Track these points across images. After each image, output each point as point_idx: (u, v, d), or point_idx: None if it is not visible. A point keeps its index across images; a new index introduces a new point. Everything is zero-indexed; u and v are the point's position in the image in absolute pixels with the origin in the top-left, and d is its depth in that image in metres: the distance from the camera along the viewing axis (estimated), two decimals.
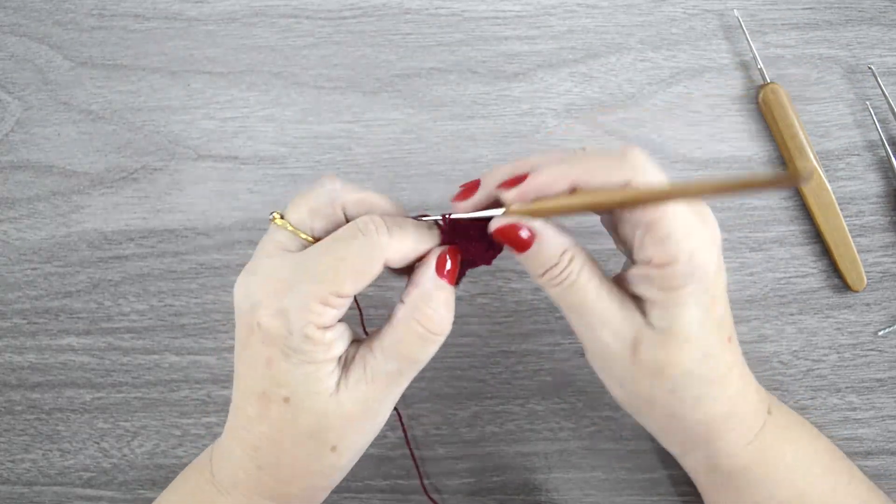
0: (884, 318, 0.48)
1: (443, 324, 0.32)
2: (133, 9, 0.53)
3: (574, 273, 0.31)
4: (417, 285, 0.32)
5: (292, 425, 0.32)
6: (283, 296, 0.30)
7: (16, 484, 0.48)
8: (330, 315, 0.30)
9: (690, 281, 0.29)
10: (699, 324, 0.30)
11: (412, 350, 0.32)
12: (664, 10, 0.52)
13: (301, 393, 0.31)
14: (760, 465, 0.34)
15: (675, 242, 0.29)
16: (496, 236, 0.31)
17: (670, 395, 0.32)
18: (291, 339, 0.30)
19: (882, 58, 0.50)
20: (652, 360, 0.31)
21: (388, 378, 0.32)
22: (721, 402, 0.32)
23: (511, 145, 0.50)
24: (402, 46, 0.52)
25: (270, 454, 0.33)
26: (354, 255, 0.30)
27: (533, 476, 0.47)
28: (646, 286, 0.30)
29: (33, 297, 0.49)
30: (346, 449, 0.33)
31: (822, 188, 0.48)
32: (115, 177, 0.51)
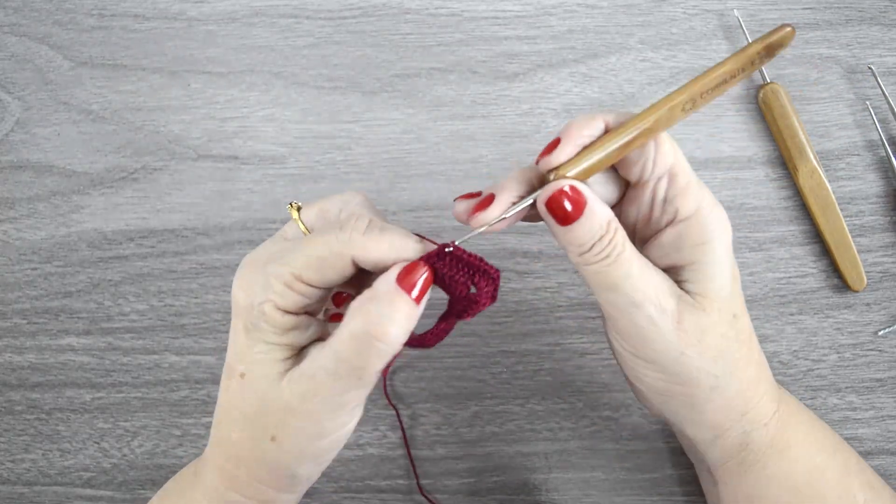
0: (884, 318, 0.48)
1: (385, 329, 0.29)
2: (133, 9, 0.53)
3: (620, 244, 0.31)
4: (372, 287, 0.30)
5: (242, 401, 0.32)
6: (254, 271, 0.31)
7: (16, 484, 0.48)
8: (290, 298, 0.30)
9: (717, 234, 0.31)
10: (728, 284, 0.32)
11: (348, 351, 0.30)
12: (664, 10, 0.52)
13: (253, 371, 0.31)
14: (783, 437, 0.35)
15: (699, 192, 0.31)
16: (549, 206, 0.30)
17: (712, 362, 0.32)
18: (252, 313, 0.31)
19: (882, 58, 0.50)
20: (695, 327, 0.31)
21: (327, 378, 0.30)
22: (751, 366, 0.33)
23: (511, 145, 0.50)
24: (402, 46, 0.52)
25: (224, 429, 0.33)
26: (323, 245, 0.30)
27: (533, 476, 0.47)
28: (678, 247, 0.31)
29: (33, 297, 0.49)
30: (286, 444, 0.32)
31: (822, 188, 0.48)
32: (115, 177, 0.51)
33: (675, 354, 0.32)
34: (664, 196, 0.32)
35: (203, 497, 0.35)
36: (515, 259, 0.48)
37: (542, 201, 0.31)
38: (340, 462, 0.47)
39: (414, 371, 0.48)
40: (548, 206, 0.30)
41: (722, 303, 0.32)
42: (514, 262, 0.48)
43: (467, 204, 0.32)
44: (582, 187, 0.30)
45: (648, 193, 0.32)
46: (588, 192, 0.30)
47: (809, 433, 0.36)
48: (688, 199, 0.31)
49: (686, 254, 0.31)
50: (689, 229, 0.31)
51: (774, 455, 0.35)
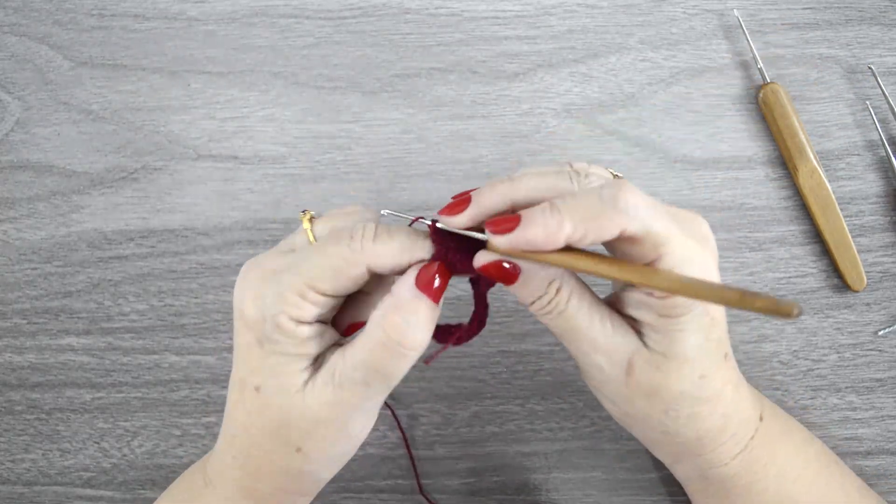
0: (884, 318, 0.48)
1: (412, 337, 0.30)
2: (133, 9, 0.53)
3: (562, 303, 0.30)
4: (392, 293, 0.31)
5: (260, 416, 0.32)
6: (265, 283, 0.31)
7: (16, 484, 0.48)
8: (305, 310, 0.30)
9: (690, 309, 0.29)
10: (697, 347, 0.30)
11: (377, 360, 0.30)
12: (664, 10, 0.52)
13: (270, 384, 0.31)
14: (749, 473, 0.35)
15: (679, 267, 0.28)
16: (482, 272, 0.30)
17: (664, 415, 0.32)
18: (265, 326, 0.30)
19: (882, 58, 0.50)
20: (647, 382, 0.31)
21: (356, 387, 0.31)
22: (714, 419, 0.32)
23: (511, 145, 0.50)
24: (402, 46, 0.52)
25: (242, 444, 0.33)
26: (335, 254, 0.30)
27: (533, 476, 0.47)
28: (643, 311, 0.30)
29: (33, 297, 0.49)
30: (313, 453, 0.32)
31: (822, 188, 0.48)
32: (115, 177, 0.51)
33: (623, 400, 0.32)
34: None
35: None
36: None
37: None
38: None
39: (414, 371, 0.47)
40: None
41: (683, 365, 0.30)
42: None
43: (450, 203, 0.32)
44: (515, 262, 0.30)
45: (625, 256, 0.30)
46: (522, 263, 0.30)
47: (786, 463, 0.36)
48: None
49: (648, 317, 0.30)
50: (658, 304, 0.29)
51: (739, 488, 0.35)
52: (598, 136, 0.50)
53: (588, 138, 0.50)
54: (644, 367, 0.30)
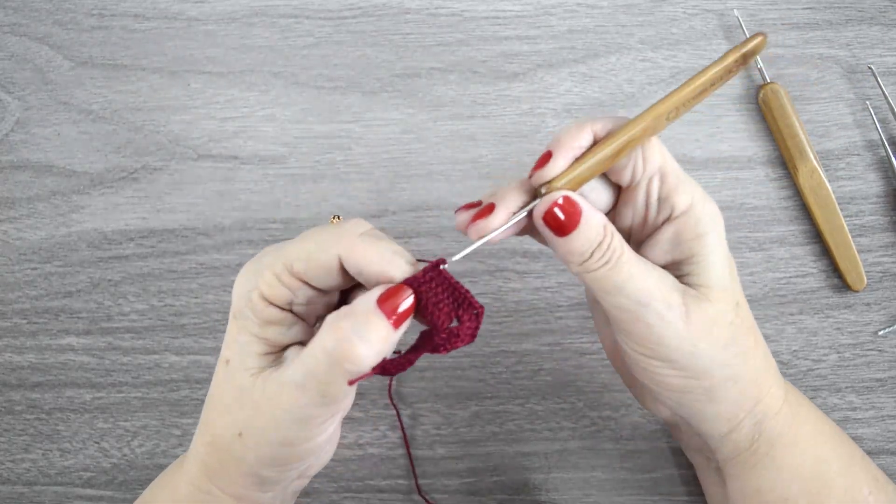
0: (884, 318, 0.48)
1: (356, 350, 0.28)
2: (133, 9, 0.53)
3: (619, 248, 0.31)
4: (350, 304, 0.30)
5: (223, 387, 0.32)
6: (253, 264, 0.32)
7: (16, 484, 0.48)
8: (277, 290, 0.30)
9: (712, 226, 0.32)
10: (728, 272, 0.32)
11: (316, 366, 0.29)
12: (664, 10, 0.52)
13: (235, 360, 0.31)
14: (791, 428, 0.35)
15: (690, 187, 0.32)
16: (546, 220, 0.30)
17: (725, 353, 0.32)
18: (240, 301, 0.31)
19: (882, 58, 0.50)
20: (703, 319, 0.32)
21: (295, 390, 0.30)
22: (759, 352, 0.34)
23: (511, 145, 0.50)
24: (402, 46, 0.52)
25: (207, 416, 0.34)
26: (314, 240, 0.30)
27: (533, 476, 0.47)
28: (677, 243, 0.32)
29: (33, 297, 0.49)
30: (250, 442, 0.31)
31: (822, 188, 0.48)
32: (115, 177, 0.51)
33: (689, 348, 0.32)
34: (658, 195, 0.32)
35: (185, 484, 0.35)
36: (515, 259, 0.48)
37: (538, 215, 0.31)
38: (340, 462, 0.47)
39: (414, 371, 0.48)
40: (544, 220, 0.31)
41: (724, 292, 0.32)
42: (514, 262, 0.48)
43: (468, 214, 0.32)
44: (576, 197, 0.31)
45: (642, 195, 0.32)
46: (582, 201, 0.31)
47: (815, 425, 0.36)
48: (681, 195, 0.32)
49: (685, 248, 0.32)
50: (686, 224, 0.32)
51: (784, 447, 0.35)
52: None
53: None
54: (696, 304, 0.32)
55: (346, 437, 0.47)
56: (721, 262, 0.32)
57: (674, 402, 0.35)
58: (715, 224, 0.32)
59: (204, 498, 0.34)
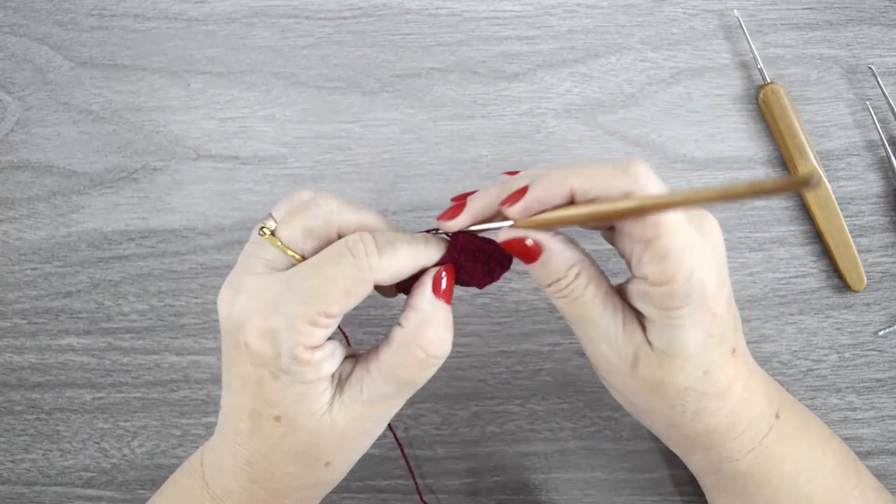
0: (884, 318, 0.48)
1: (444, 346, 0.32)
2: (133, 9, 0.53)
3: (580, 288, 0.31)
4: (415, 308, 0.31)
5: (284, 443, 0.31)
6: (270, 317, 0.29)
7: (16, 484, 0.48)
8: (318, 335, 0.30)
9: (688, 301, 0.29)
10: (698, 343, 0.30)
11: (412, 374, 0.32)
12: (664, 10, 0.52)
13: (292, 412, 0.31)
14: (763, 470, 0.34)
15: (674, 262, 0.28)
16: (504, 247, 0.31)
17: (670, 409, 0.32)
18: (280, 360, 0.29)
19: (882, 58, 0.50)
20: (651, 377, 0.31)
21: (386, 400, 0.32)
22: (722, 415, 0.32)
23: (511, 145, 0.50)
24: (402, 46, 0.52)
25: (263, 469, 0.33)
26: (343, 276, 0.29)
27: (533, 476, 0.47)
28: (643, 303, 0.30)
29: (33, 297, 0.49)
30: (340, 464, 0.34)
31: (821, 188, 0.48)
32: (115, 177, 0.51)
33: (631, 395, 0.33)
34: (638, 255, 0.29)
35: None
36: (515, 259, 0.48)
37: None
38: None
39: None
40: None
41: (686, 362, 0.30)
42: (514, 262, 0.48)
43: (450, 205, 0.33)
44: (539, 237, 0.30)
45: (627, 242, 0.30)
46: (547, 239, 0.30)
47: (800, 462, 0.35)
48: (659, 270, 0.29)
49: (650, 311, 0.30)
50: (657, 294, 0.29)
51: (751, 484, 0.35)
52: (598, 136, 0.50)
53: (588, 138, 0.50)
54: (647, 362, 0.31)
55: None
56: (689, 335, 0.30)
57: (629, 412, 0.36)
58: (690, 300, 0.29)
59: None
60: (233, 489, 0.34)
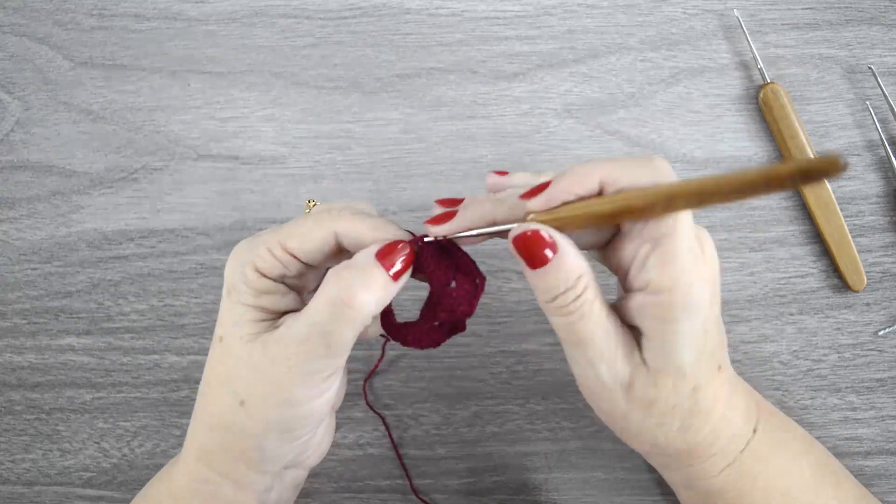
0: (884, 318, 0.48)
1: (359, 297, 0.30)
2: (133, 9, 0.53)
3: (587, 303, 0.30)
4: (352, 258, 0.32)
5: (218, 364, 0.33)
6: (245, 244, 0.33)
7: (16, 484, 0.47)
8: (270, 263, 0.32)
9: (686, 315, 0.29)
10: (691, 360, 0.30)
11: (320, 316, 0.30)
12: (664, 10, 0.52)
13: (229, 334, 0.32)
14: (736, 486, 0.35)
15: (680, 268, 0.28)
16: (516, 244, 0.30)
17: (657, 428, 0.32)
18: (234, 276, 0.32)
19: (882, 58, 0.50)
20: (645, 399, 0.31)
21: (298, 344, 0.31)
22: (704, 433, 0.33)
23: (511, 145, 0.50)
24: (402, 46, 0.52)
25: (202, 397, 0.34)
26: (310, 219, 0.32)
27: (533, 476, 0.47)
28: (641, 317, 0.30)
29: (33, 297, 0.49)
30: (253, 409, 0.32)
31: (822, 188, 0.48)
32: (115, 177, 0.51)
33: (620, 415, 0.32)
34: (643, 260, 0.29)
35: (180, 474, 0.35)
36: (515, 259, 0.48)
37: (510, 238, 0.30)
38: (340, 462, 0.47)
39: (414, 371, 0.48)
40: (514, 244, 0.30)
41: (678, 378, 0.30)
42: (514, 262, 0.48)
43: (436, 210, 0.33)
44: (555, 235, 0.29)
45: (631, 250, 0.30)
46: (563, 240, 0.29)
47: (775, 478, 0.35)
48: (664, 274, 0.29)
49: (647, 325, 0.30)
50: (656, 304, 0.29)
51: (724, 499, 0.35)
52: (598, 136, 0.50)
53: (588, 138, 0.50)
54: (642, 381, 0.31)
55: (347, 438, 0.47)
56: (683, 351, 0.30)
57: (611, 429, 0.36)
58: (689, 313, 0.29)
59: (201, 487, 0.34)
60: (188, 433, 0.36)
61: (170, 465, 0.38)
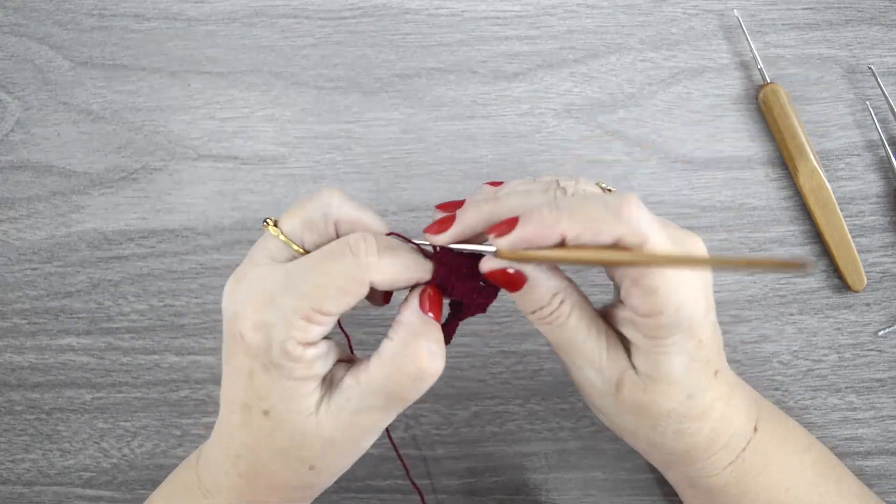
0: (884, 318, 0.48)
1: (435, 361, 0.31)
2: (133, 9, 0.53)
3: (563, 315, 0.31)
4: (404, 323, 0.31)
5: (271, 439, 0.31)
6: (265, 308, 0.29)
7: (16, 484, 0.47)
8: (312, 332, 0.29)
9: (676, 331, 0.29)
10: (683, 368, 0.30)
11: (402, 389, 0.31)
12: (664, 10, 0.52)
13: (280, 408, 0.30)
14: (739, 484, 0.35)
15: (663, 296, 0.28)
16: (488, 277, 0.30)
17: (651, 430, 0.32)
18: (272, 353, 0.29)
19: (882, 58, 0.50)
20: (634, 401, 0.31)
21: (375, 412, 0.31)
22: (702, 434, 0.33)
23: (511, 145, 0.50)
24: (402, 46, 0.52)
25: (250, 465, 0.32)
26: (340, 273, 0.29)
27: (533, 476, 0.47)
28: (630, 330, 0.30)
29: (33, 297, 0.49)
30: (325, 469, 0.33)
31: (822, 188, 0.48)
32: (115, 177, 0.51)
33: (612, 413, 0.33)
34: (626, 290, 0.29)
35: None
36: None
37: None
38: None
39: None
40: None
41: (671, 387, 0.30)
42: None
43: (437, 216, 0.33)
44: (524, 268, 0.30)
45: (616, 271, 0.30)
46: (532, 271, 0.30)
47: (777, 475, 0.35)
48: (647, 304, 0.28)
49: (636, 337, 0.30)
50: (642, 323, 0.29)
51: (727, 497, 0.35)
52: (598, 136, 0.50)
53: (588, 138, 0.50)
54: (631, 386, 0.31)
55: None
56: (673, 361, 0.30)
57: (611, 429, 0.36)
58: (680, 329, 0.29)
59: None
60: (221, 483, 0.34)
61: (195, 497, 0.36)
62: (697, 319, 0.29)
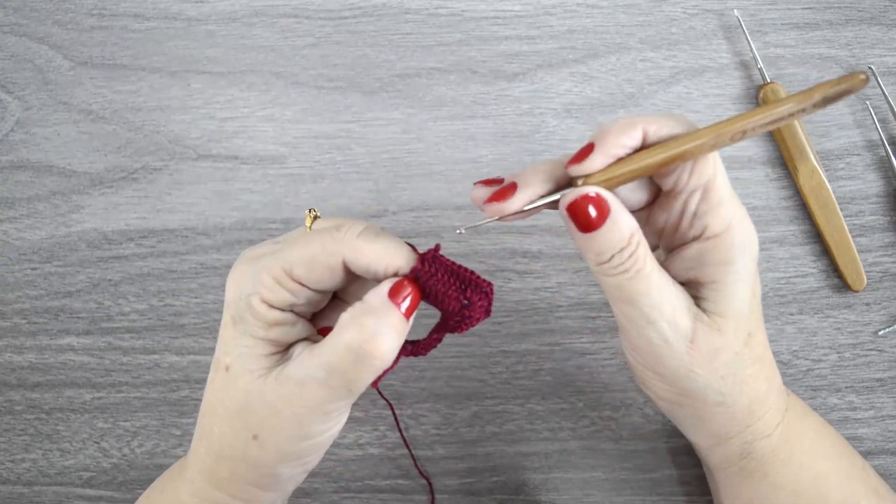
0: (884, 318, 0.48)
1: (380, 345, 0.29)
2: (133, 9, 0.53)
3: (641, 259, 0.30)
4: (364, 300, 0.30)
5: (225, 395, 0.32)
6: (248, 265, 0.31)
7: (16, 484, 0.48)
8: (278, 294, 0.30)
9: (743, 253, 0.30)
10: (746, 302, 0.31)
11: (342, 363, 0.30)
12: (664, 10, 0.52)
13: (237, 365, 0.31)
14: (787, 445, 0.35)
15: (730, 207, 0.30)
16: (570, 212, 0.30)
17: (721, 381, 0.32)
18: (239, 305, 0.31)
19: (882, 58, 0.50)
20: (708, 347, 0.31)
21: (317, 387, 0.30)
22: (759, 382, 0.33)
23: (511, 145, 0.50)
24: (402, 46, 0.52)
25: (208, 423, 0.33)
26: (317, 244, 0.30)
27: (533, 476, 0.47)
28: (700, 265, 0.31)
29: (33, 297, 0.49)
30: (268, 443, 0.32)
31: (822, 188, 0.48)
32: (115, 177, 0.51)
33: (685, 372, 0.32)
34: (694, 210, 0.30)
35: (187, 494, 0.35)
36: (515, 259, 0.48)
37: (564, 205, 0.30)
38: (340, 462, 0.47)
39: (414, 371, 0.48)
40: (569, 211, 0.30)
41: (739, 322, 0.31)
42: (513, 262, 0.48)
43: (486, 191, 0.31)
44: (608, 196, 0.29)
45: (679, 204, 0.31)
46: (614, 201, 0.30)
47: (815, 440, 0.36)
48: (719, 216, 0.30)
49: (708, 271, 0.31)
50: (715, 247, 0.30)
51: (777, 464, 0.35)
52: None
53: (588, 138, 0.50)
54: (705, 331, 0.31)
55: (346, 437, 0.47)
56: (743, 292, 0.31)
57: (664, 410, 0.36)
58: (745, 252, 0.30)
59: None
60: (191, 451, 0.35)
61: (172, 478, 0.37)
62: (756, 243, 0.31)
